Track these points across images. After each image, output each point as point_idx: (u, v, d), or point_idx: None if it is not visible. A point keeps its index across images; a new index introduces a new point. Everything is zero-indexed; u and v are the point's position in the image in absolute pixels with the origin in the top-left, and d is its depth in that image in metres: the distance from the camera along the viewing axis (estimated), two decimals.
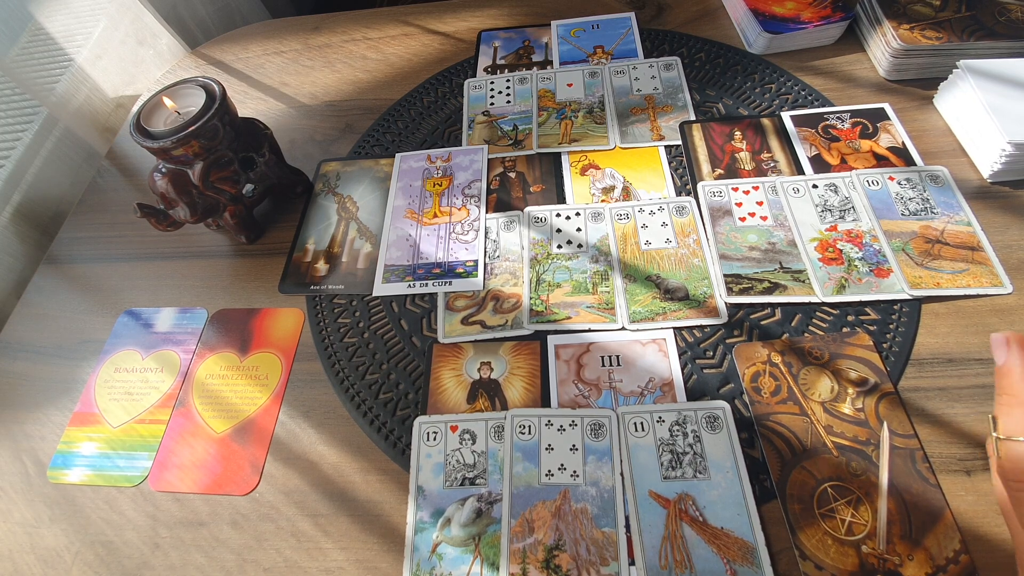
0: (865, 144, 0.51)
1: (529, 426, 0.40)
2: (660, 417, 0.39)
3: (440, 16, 0.71)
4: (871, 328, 0.41)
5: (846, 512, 0.35)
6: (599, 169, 0.53)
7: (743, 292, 0.43)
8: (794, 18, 0.58)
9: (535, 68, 0.63)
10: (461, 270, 0.48)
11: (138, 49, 0.74)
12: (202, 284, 0.52)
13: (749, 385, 0.40)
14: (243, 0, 0.94)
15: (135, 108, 0.65)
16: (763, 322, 0.43)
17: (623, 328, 0.43)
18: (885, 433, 0.37)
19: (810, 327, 0.42)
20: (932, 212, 0.46)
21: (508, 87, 0.61)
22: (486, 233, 0.50)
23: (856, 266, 0.43)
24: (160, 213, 0.48)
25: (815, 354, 0.40)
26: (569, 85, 0.60)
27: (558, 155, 0.55)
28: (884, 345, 0.40)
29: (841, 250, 0.44)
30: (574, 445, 0.39)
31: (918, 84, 0.54)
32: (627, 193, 0.51)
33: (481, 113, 0.59)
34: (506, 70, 0.63)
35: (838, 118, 0.53)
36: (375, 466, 0.41)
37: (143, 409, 0.45)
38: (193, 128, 0.44)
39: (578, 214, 0.50)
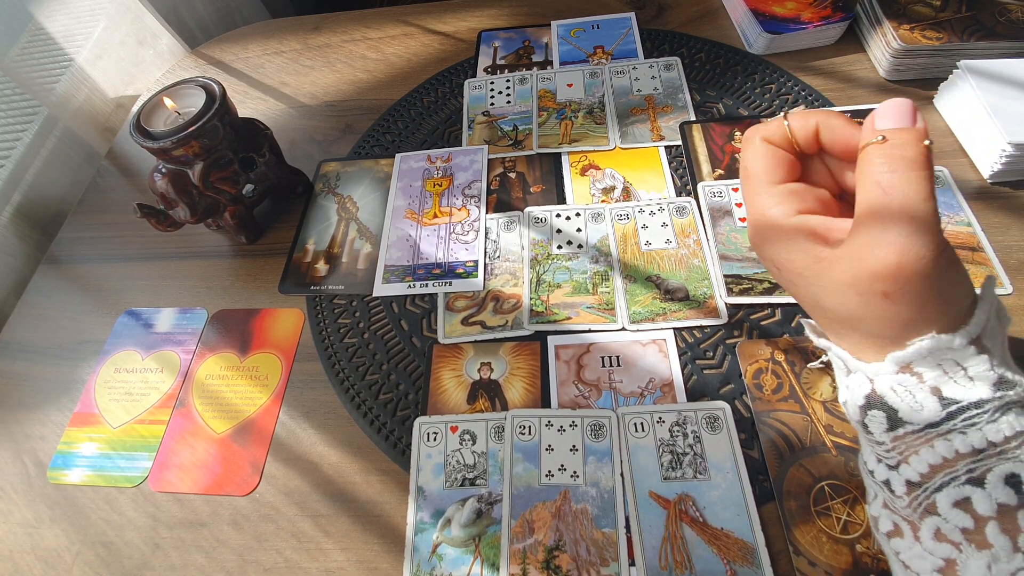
0: None
1: (529, 427, 0.40)
2: (660, 418, 0.39)
3: (440, 16, 0.71)
4: None
5: (842, 511, 0.35)
6: (599, 169, 0.53)
7: (743, 292, 0.43)
8: (794, 18, 0.58)
9: (535, 68, 0.63)
10: (461, 270, 0.48)
11: (138, 49, 0.74)
12: (202, 284, 0.52)
13: (751, 382, 0.40)
14: (243, 0, 0.94)
15: (135, 108, 0.65)
16: (763, 323, 0.43)
17: (623, 329, 0.43)
18: None
19: None
20: None
21: (508, 87, 0.61)
22: (486, 233, 0.50)
23: None
24: (160, 213, 0.48)
25: (817, 354, 0.40)
26: (569, 85, 0.60)
27: (558, 155, 0.55)
28: None
29: None
30: (574, 446, 0.39)
31: (918, 84, 0.54)
32: (627, 193, 0.51)
33: (481, 113, 0.59)
34: (506, 70, 0.63)
35: None
36: (375, 467, 0.41)
37: (143, 409, 0.45)
38: (193, 128, 0.44)
39: (578, 214, 0.50)
